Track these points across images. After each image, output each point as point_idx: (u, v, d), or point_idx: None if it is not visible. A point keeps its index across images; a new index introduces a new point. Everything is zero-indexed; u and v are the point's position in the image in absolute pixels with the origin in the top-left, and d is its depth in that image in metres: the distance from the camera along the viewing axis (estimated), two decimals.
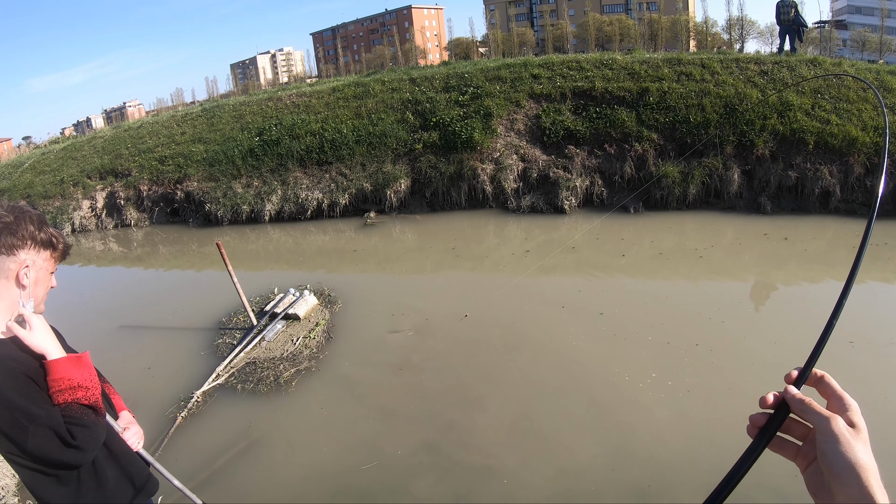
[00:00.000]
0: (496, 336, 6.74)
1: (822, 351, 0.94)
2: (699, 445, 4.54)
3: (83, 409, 1.94)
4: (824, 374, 0.94)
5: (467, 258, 9.85)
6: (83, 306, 9.79)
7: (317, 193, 13.05)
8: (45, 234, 2.09)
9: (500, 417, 5.18)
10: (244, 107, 16.66)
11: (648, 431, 4.78)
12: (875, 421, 4.11)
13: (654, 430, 4.80)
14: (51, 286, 2.19)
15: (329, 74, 61.94)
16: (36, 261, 2.05)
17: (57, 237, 2.14)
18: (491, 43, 68.60)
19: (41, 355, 1.94)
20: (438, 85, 14.51)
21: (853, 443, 0.80)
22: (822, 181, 10.60)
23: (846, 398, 0.89)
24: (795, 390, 0.91)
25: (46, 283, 2.16)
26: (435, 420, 5.20)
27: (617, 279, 8.54)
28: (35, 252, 2.05)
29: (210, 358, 6.89)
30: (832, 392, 0.91)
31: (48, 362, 1.94)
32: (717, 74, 12.57)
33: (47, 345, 1.96)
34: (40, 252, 2.08)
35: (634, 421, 4.94)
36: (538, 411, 5.23)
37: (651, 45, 52.77)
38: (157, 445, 5.25)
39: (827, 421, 0.84)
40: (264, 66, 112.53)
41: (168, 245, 13.19)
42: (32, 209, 2.10)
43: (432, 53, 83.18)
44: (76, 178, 16.32)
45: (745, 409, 1.00)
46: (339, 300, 8.15)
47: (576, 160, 11.92)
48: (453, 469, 4.55)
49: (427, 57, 76.82)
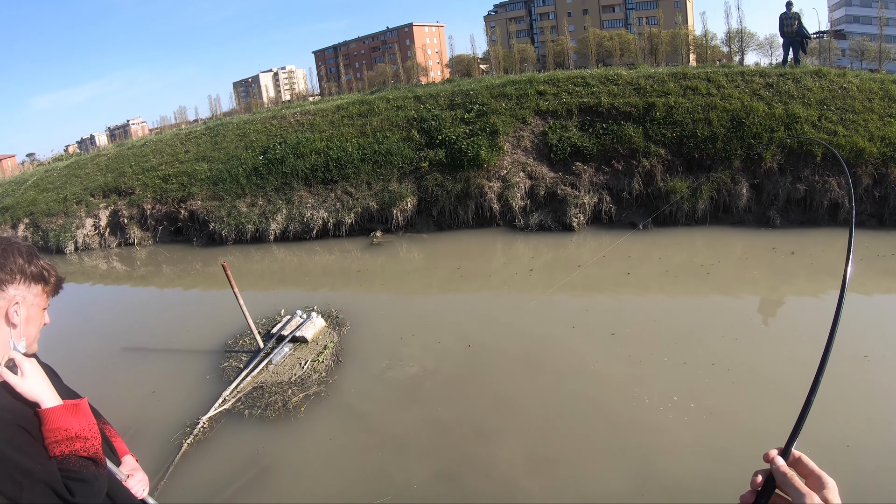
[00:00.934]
0: (509, 358, 6.58)
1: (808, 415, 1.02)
2: (724, 468, 4.38)
3: (82, 462, 1.80)
4: (801, 455, 1.01)
5: (475, 278, 9.71)
6: (86, 327, 9.68)
7: (322, 213, 12.95)
8: (36, 267, 1.95)
9: (517, 444, 5.01)
10: (248, 125, 16.62)
11: (672, 455, 4.63)
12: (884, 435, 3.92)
13: (678, 453, 4.65)
14: (44, 323, 2.05)
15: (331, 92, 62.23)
16: (26, 296, 1.91)
17: (49, 270, 2.00)
18: (492, 59, 69.08)
19: (35, 403, 1.81)
20: (443, 102, 14.45)
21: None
22: (830, 193, 10.49)
23: (823, 477, 0.95)
24: (782, 462, 0.98)
25: (39, 320, 2.02)
26: (449, 449, 5.04)
27: (626, 297, 8.40)
28: (25, 287, 1.91)
29: (216, 382, 6.75)
30: (810, 471, 0.97)
31: (43, 411, 1.79)
32: (723, 88, 12.50)
33: (41, 392, 1.82)
34: (31, 287, 1.94)
35: (658, 444, 4.78)
36: (557, 436, 5.07)
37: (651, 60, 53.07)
38: (161, 474, 5.10)
39: (804, 496, 0.90)
40: (267, 84, 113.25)
41: (172, 265, 13.09)
42: (21, 240, 1.96)
43: (434, 70, 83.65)
44: (80, 195, 16.29)
45: (768, 429, 1.03)
46: (348, 322, 8.01)
47: (583, 177, 11.82)
48: (472, 501, 4.39)
49: (429, 74, 77.27)
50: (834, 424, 4.68)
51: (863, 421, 4.82)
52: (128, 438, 5.75)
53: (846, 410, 4.92)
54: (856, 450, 4.44)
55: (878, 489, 4.08)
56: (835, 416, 4.79)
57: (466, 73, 59.49)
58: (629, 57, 56.91)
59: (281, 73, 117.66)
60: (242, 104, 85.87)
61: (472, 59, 74.42)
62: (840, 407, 4.94)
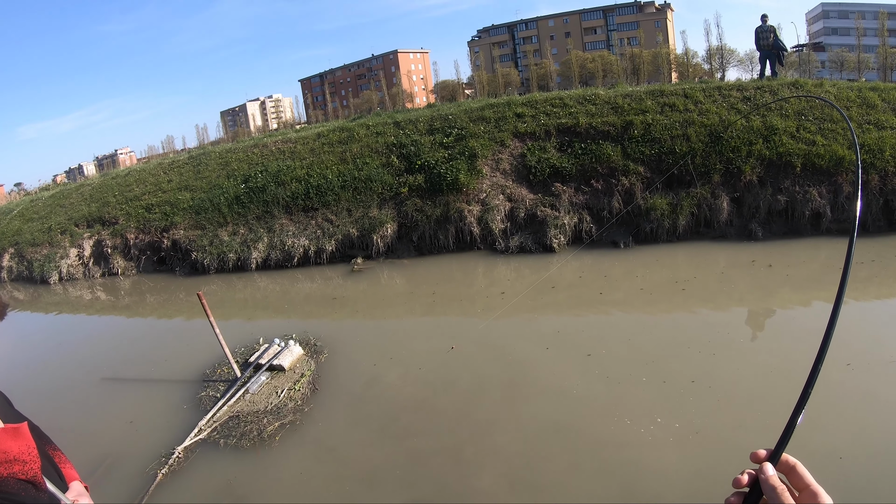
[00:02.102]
0: (487, 383, 6.52)
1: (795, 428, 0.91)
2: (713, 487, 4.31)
3: (21, 485, 1.77)
4: (797, 462, 0.89)
5: (455, 302, 9.68)
6: (67, 357, 9.63)
7: (303, 240, 12.91)
8: None
9: (497, 470, 4.94)
10: (230, 154, 16.65)
11: (659, 476, 4.57)
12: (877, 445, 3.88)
13: (665, 474, 4.58)
14: None
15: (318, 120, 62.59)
16: None
17: None
18: (476, 84, 69.71)
19: None
20: (423, 127, 14.53)
21: None
22: (811, 203, 10.58)
23: (820, 495, 0.84)
24: (771, 471, 0.86)
25: None
26: (425, 479, 4.95)
27: (600, 317, 8.40)
28: None
29: (193, 411, 6.68)
30: (805, 485, 0.86)
31: None
32: (701, 103, 12.64)
33: None
34: None
35: (644, 466, 4.71)
36: (538, 462, 4.99)
37: (634, 79, 53.68)
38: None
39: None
40: (254, 112, 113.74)
41: (155, 294, 12.99)
42: None
43: (419, 97, 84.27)
44: (64, 225, 16.24)
45: (756, 445, 0.94)
46: (326, 349, 7.95)
47: (563, 197, 11.87)
48: None
49: (414, 100, 77.80)
50: (824, 435, 4.65)
51: (853, 431, 4.79)
52: (104, 468, 5.71)
53: (835, 421, 4.89)
54: (849, 461, 4.39)
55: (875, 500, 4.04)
56: (825, 427, 4.76)
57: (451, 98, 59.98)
58: (612, 78, 57.59)
59: (268, 102, 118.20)
60: (230, 133, 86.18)
61: (456, 84, 75.06)
62: (828, 417, 4.91)
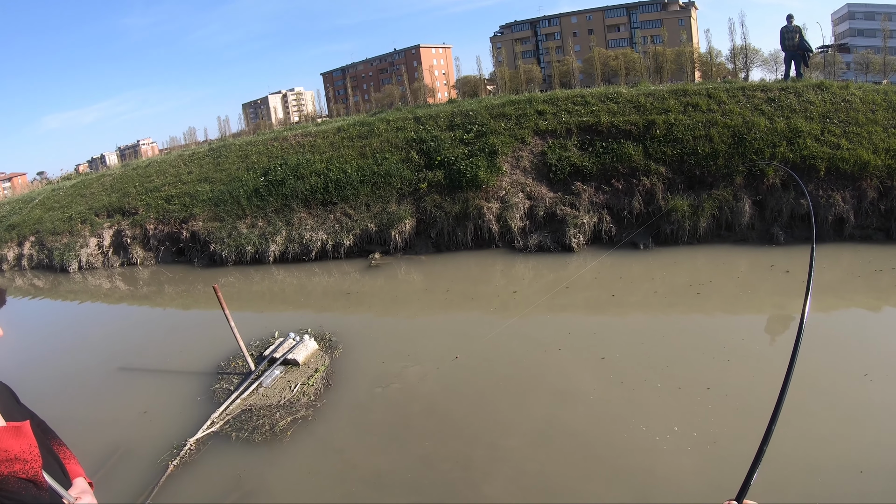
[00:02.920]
0: (501, 385, 6.45)
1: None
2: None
3: (21, 483, 1.76)
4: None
5: (472, 300, 9.60)
6: (83, 346, 9.74)
7: (321, 234, 12.93)
8: None
9: (509, 473, 4.87)
10: (250, 146, 16.72)
11: (674, 485, 4.46)
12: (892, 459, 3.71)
13: (680, 484, 4.47)
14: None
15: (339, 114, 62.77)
16: None
17: None
18: (498, 80, 69.54)
19: None
20: (443, 123, 14.47)
21: None
22: (835, 208, 10.33)
23: None
24: None
25: None
26: (433, 482, 4.88)
27: (616, 319, 8.28)
28: None
29: (206, 403, 6.70)
30: None
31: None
32: (724, 104, 12.42)
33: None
34: None
35: (660, 474, 4.60)
36: (551, 466, 4.90)
37: (657, 78, 53.19)
38: (146, 496, 5.06)
39: None
40: (276, 105, 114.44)
41: (173, 285, 13.10)
42: None
43: (441, 92, 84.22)
44: (84, 215, 16.44)
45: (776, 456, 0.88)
46: (341, 345, 7.94)
47: (583, 196, 11.74)
48: None
49: (436, 95, 77.75)
50: (843, 449, 4.53)
51: (873, 444, 4.64)
52: (116, 458, 5.73)
53: (854, 433, 4.76)
54: (869, 475, 4.25)
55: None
56: (843, 439, 4.64)
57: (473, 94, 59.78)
58: (635, 76, 57.13)
59: (290, 95, 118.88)
60: (251, 125, 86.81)
61: (478, 80, 74.89)
62: (847, 430, 4.79)
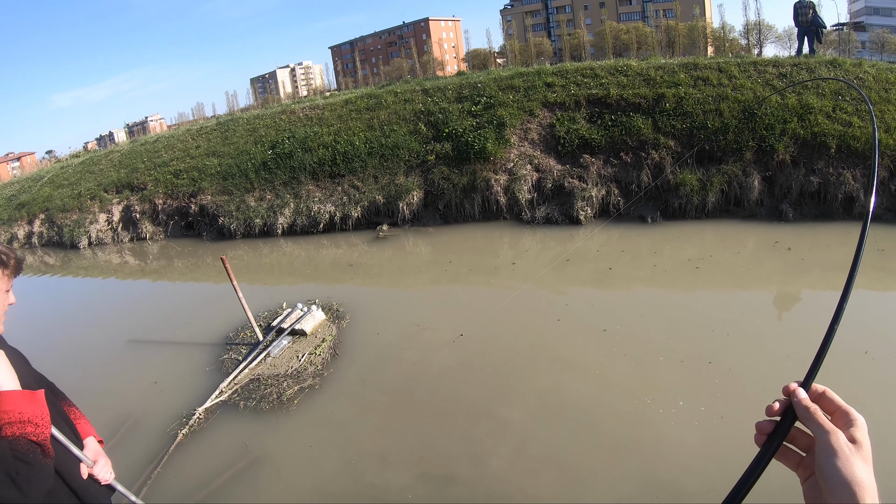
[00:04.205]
0: (507, 355, 6.48)
1: (825, 357, 0.90)
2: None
3: (31, 445, 1.82)
4: (825, 389, 0.89)
5: (481, 272, 9.62)
6: (95, 319, 9.87)
7: (329, 206, 12.96)
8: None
9: (514, 442, 4.90)
10: (258, 120, 16.69)
11: (681, 461, 4.46)
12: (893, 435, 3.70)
13: (686, 460, 4.48)
14: (9, 303, 2.07)
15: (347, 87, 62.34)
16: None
17: (7, 253, 2.02)
18: (508, 53, 68.77)
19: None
20: (451, 95, 14.38)
21: (852, 459, 0.78)
22: (845, 186, 10.21)
23: (851, 413, 0.85)
24: (803, 395, 0.87)
25: (3, 301, 2.04)
26: (438, 451, 4.93)
27: (620, 292, 8.28)
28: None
29: (215, 373, 6.80)
30: (836, 407, 0.87)
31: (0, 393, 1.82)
32: (735, 78, 12.25)
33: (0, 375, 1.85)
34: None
35: (665, 449, 4.61)
36: (555, 438, 4.93)
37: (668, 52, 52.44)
38: (156, 464, 5.15)
39: (827, 434, 0.81)
40: (284, 79, 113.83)
41: (182, 258, 13.19)
42: None
43: (450, 65, 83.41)
44: (93, 191, 16.51)
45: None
46: (348, 315, 8.00)
47: (591, 169, 11.68)
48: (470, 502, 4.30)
49: (445, 68, 77.02)
50: None
51: (871, 423, 4.61)
52: (127, 427, 5.83)
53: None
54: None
55: None
56: None
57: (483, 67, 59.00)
58: (646, 50, 56.34)
59: (298, 69, 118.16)
60: (259, 100, 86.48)
61: (488, 53, 74.06)
62: None
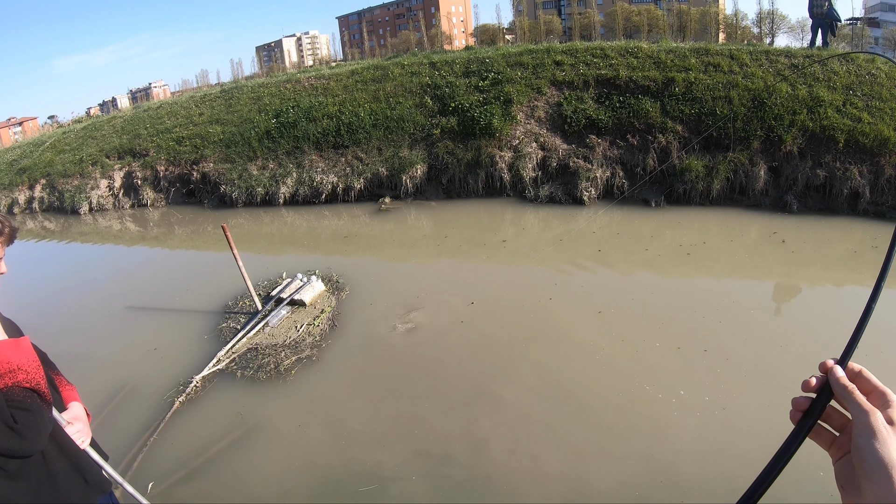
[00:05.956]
0: (505, 333, 6.48)
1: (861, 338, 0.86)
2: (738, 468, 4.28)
3: (25, 392, 1.83)
4: (862, 368, 0.86)
5: (481, 248, 9.59)
6: (94, 285, 9.84)
7: (332, 177, 12.89)
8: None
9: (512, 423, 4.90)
10: (262, 88, 16.51)
11: (680, 447, 4.47)
12: None
13: (684, 446, 4.48)
14: (0, 272, 2.05)
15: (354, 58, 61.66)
16: None
17: (2, 221, 1.99)
18: (517, 30, 67.85)
19: None
20: (459, 70, 14.22)
21: (890, 441, 0.75)
22: (851, 181, 10.11)
23: (888, 394, 0.82)
24: (841, 373, 0.85)
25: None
26: (432, 428, 4.93)
27: (616, 274, 8.25)
28: None
29: (213, 342, 6.80)
30: (872, 387, 0.84)
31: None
32: (746, 66, 12.10)
33: None
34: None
35: (664, 435, 4.61)
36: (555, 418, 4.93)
37: (679, 37, 51.76)
38: (152, 431, 5.16)
39: (866, 414, 0.78)
40: (290, 49, 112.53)
41: (183, 226, 13.16)
42: None
43: (458, 39, 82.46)
44: (95, 157, 16.40)
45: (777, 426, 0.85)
46: (347, 286, 7.99)
47: (597, 150, 11.60)
48: (467, 482, 4.31)
49: (453, 42, 76.14)
50: None
51: None
52: (124, 394, 5.84)
53: None
54: None
55: None
56: None
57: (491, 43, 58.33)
58: (657, 33, 55.57)
59: (304, 39, 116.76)
60: (265, 68, 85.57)
61: (497, 28, 73.10)
62: None
